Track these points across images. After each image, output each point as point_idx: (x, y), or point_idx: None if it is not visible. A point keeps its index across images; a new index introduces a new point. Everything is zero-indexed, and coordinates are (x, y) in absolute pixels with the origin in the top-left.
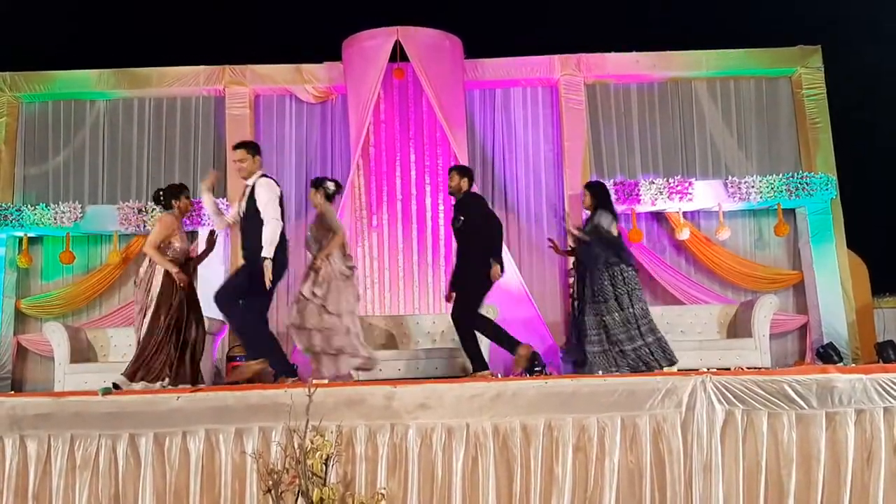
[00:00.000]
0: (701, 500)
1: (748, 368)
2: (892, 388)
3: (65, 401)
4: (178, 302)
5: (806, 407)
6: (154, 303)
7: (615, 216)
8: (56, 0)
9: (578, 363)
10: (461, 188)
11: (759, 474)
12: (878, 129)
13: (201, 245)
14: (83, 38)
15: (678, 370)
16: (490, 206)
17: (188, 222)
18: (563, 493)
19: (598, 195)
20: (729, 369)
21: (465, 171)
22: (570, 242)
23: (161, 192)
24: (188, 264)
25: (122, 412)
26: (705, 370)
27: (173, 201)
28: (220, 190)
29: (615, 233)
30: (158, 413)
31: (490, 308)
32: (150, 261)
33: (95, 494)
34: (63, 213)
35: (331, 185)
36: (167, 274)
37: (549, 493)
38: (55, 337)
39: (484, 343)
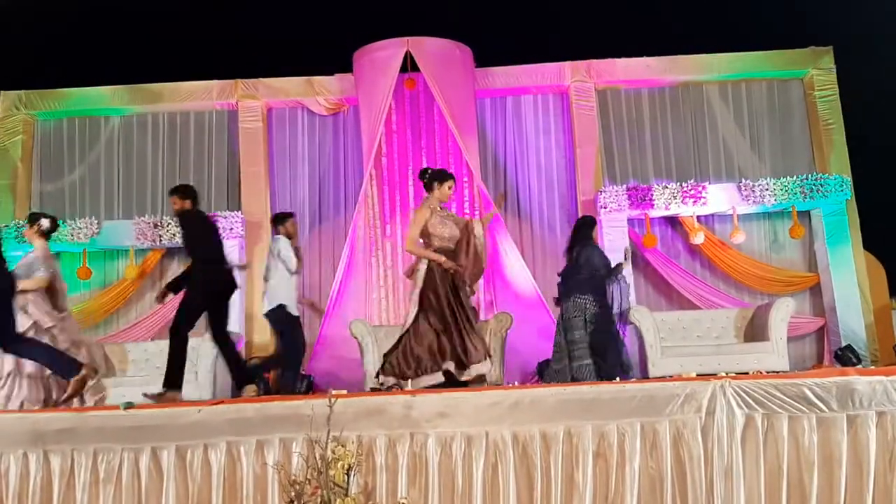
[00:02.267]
0: None
1: (767, 372)
2: None
3: (87, 415)
4: (444, 293)
5: (826, 410)
6: (418, 296)
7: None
8: (69, 18)
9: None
10: (183, 207)
11: (781, 478)
12: (892, 129)
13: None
14: (96, 56)
15: (697, 375)
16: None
17: None
18: (583, 499)
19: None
20: (747, 373)
21: (186, 192)
22: None
23: (428, 172)
24: (458, 251)
25: (144, 426)
26: (724, 374)
27: (436, 184)
28: (234, 203)
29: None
30: (180, 426)
31: (505, 315)
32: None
33: None
34: (79, 229)
35: (45, 222)
36: (430, 266)
37: (569, 500)
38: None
39: (499, 352)
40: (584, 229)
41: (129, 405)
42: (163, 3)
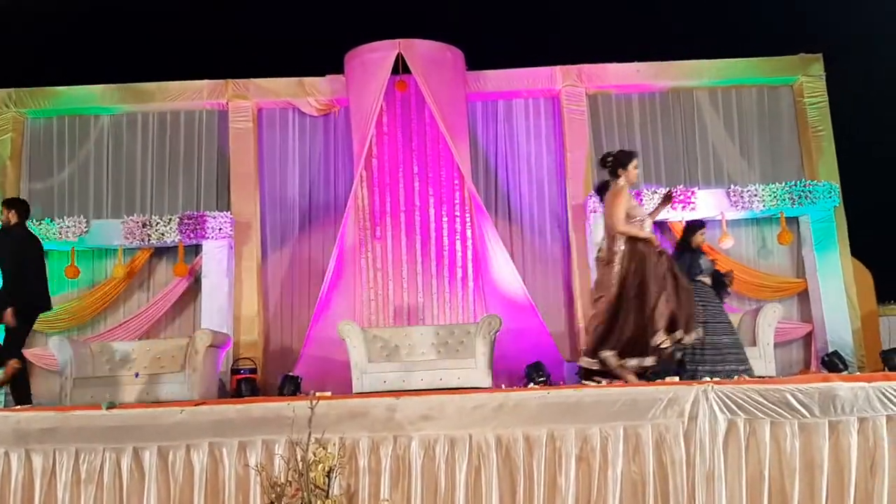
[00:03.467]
0: None
1: (750, 377)
2: (894, 396)
3: (69, 415)
4: (647, 272)
5: (808, 415)
6: (625, 277)
7: None
8: (60, 16)
9: None
10: (10, 221)
11: (762, 483)
12: (881, 136)
13: (206, 259)
14: (87, 54)
15: (680, 379)
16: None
17: (192, 235)
18: (566, 503)
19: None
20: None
21: (12, 204)
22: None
23: (610, 157)
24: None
25: (126, 426)
26: (708, 379)
27: (620, 170)
28: (223, 203)
29: None
30: (162, 427)
31: (494, 318)
32: (618, 239)
33: None
34: (68, 227)
35: None
36: (632, 247)
37: None
38: (61, 351)
39: (488, 356)
40: (683, 233)
41: (111, 405)
42: (153, 2)
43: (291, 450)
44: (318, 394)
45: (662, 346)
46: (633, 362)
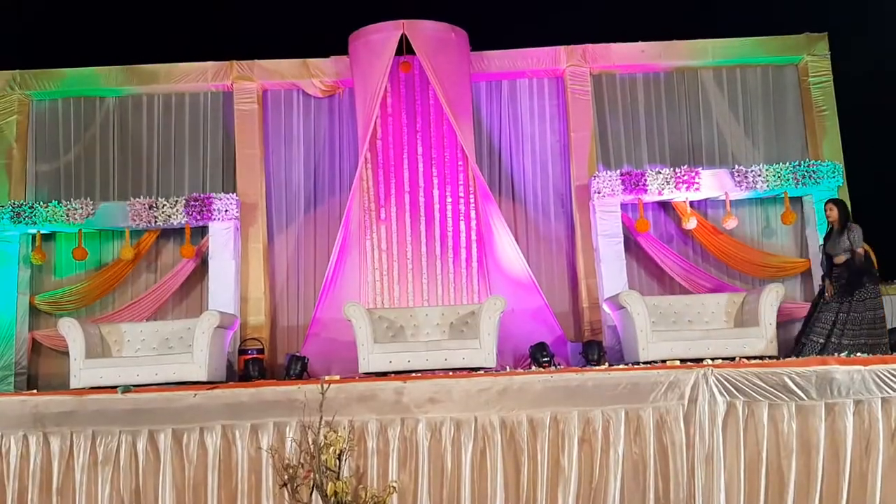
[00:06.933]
0: (703, 490)
1: (750, 359)
2: (889, 378)
3: (86, 399)
4: None
5: (805, 398)
6: None
7: None
8: None
9: None
10: None
11: (760, 464)
12: (885, 116)
13: (212, 240)
14: (91, 36)
15: (682, 361)
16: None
17: (199, 217)
18: (569, 484)
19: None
20: (734, 359)
21: None
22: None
23: None
24: None
25: (141, 409)
26: (709, 361)
27: None
28: (229, 184)
29: None
30: (176, 410)
31: (498, 299)
32: None
33: (117, 489)
34: (75, 209)
35: None
36: None
37: (555, 485)
38: (71, 332)
39: (493, 336)
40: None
41: (126, 389)
42: None
43: (303, 432)
44: (326, 377)
45: None
46: None
